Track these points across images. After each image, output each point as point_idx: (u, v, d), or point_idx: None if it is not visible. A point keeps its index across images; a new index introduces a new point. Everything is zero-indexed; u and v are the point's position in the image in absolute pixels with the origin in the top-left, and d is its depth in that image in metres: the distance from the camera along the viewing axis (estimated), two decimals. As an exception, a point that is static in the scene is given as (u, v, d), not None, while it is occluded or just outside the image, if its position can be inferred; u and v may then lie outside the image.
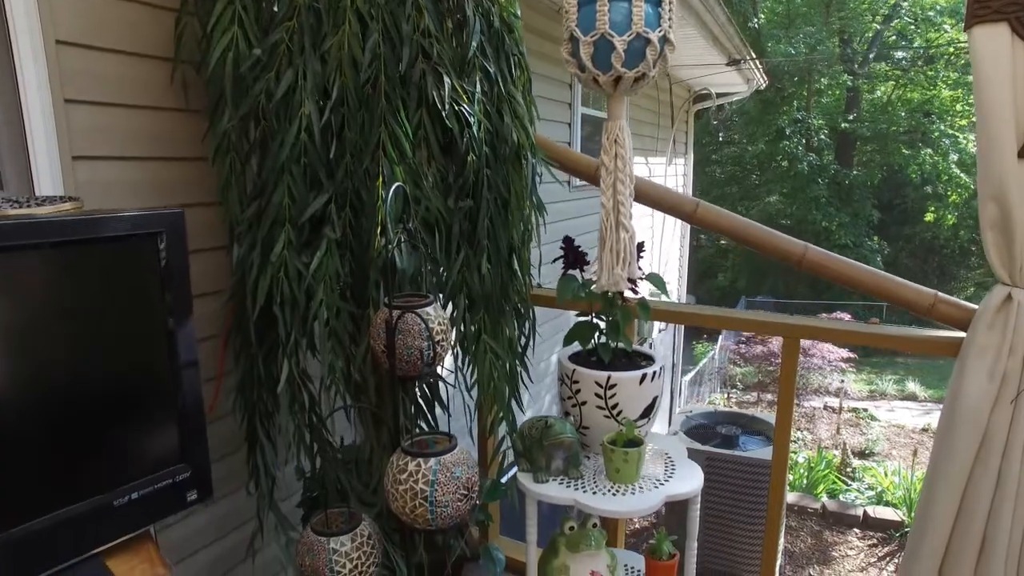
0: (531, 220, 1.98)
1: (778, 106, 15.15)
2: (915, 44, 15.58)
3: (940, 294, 1.84)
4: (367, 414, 1.99)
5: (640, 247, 1.59)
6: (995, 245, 1.67)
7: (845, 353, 8.81)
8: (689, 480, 1.48)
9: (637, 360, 1.64)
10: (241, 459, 1.90)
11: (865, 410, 9.83)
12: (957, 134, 14.36)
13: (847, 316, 8.91)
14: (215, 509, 2.21)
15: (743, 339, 9.58)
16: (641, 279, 1.57)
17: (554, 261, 1.67)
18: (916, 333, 1.91)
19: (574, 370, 1.55)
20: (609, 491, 1.46)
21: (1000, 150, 1.59)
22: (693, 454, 4.70)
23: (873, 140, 15.35)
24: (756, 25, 14.77)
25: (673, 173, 7.59)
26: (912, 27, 15.63)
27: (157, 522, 1.38)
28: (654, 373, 1.55)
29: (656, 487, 1.46)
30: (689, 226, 9.20)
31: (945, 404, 1.77)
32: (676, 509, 4.72)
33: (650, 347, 7.00)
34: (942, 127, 14.48)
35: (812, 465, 6.84)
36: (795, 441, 8.19)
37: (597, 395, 1.52)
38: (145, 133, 1.79)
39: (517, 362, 1.92)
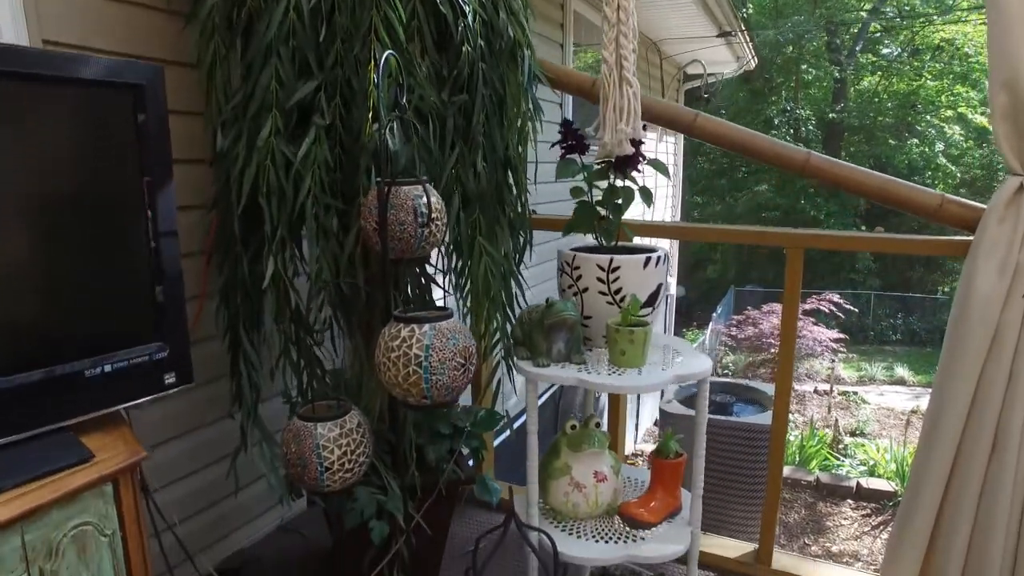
0: (527, 124, 1.92)
1: (766, 96, 15.21)
2: (900, 37, 15.70)
3: (947, 195, 1.80)
4: (356, 331, 1.92)
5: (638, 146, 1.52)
6: (1007, 136, 1.62)
7: (835, 334, 8.80)
8: (698, 363, 1.42)
9: (638, 251, 1.57)
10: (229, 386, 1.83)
11: (855, 393, 9.85)
12: (943, 124, 14.46)
13: (836, 296, 8.88)
14: (203, 434, 2.12)
15: (734, 322, 9.55)
16: (644, 163, 1.50)
17: (552, 146, 1.60)
18: (923, 237, 1.86)
19: (575, 256, 1.49)
20: (615, 373, 1.39)
21: (1013, 32, 1.54)
22: (686, 421, 4.66)
23: (860, 131, 15.44)
24: (745, 15, 14.81)
25: (664, 151, 7.56)
26: (898, 20, 15.76)
27: (135, 405, 1.30)
28: (658, 258, 1.49)
29: (664, 369, 1.39)
30: (679, 215, 9.18)
31: (954, 307, 1.72)
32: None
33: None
34: (928, 118, 14.58)
35: (804, 443, 6.82)
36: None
37: (599, 279, 1.46)
38: (121, 23, 1.71)
39: (514, 267, 1.85)
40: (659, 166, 1.56)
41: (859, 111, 15.25)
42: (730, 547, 2.25)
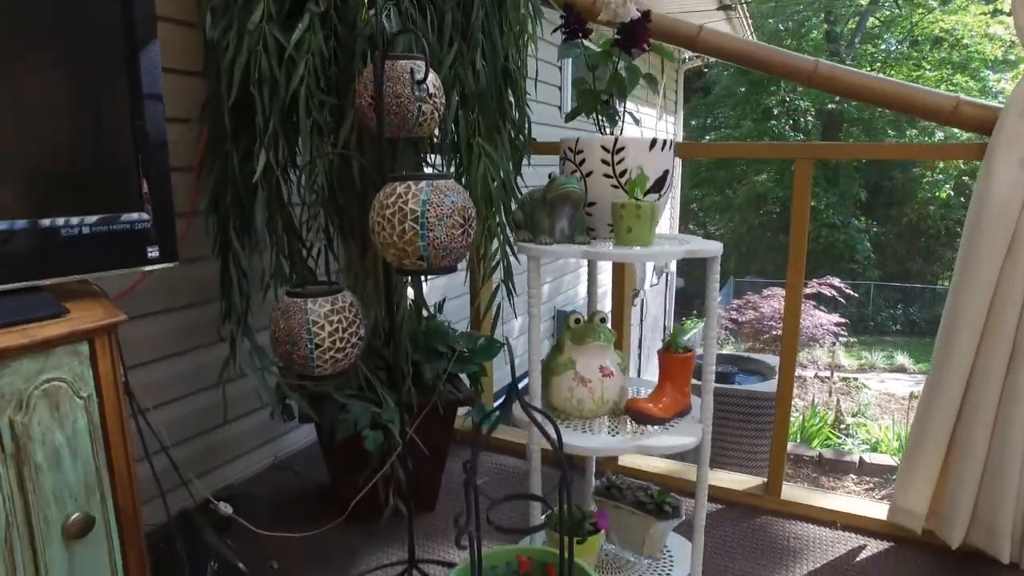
0: (526, 29, 1.86)
1: (765, 87, 15.14)
2: (899, 28, 15.68)
3: (962, 96, 1.73)
4: (350, 238, 1.86)
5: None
6: (1024, 27, 1.56)
7: (836, 318, 8.74)
8: (710, 246, 1.35)
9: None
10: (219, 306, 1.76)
11: (856, 379, 9.79)
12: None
13: (837, 280, 8.82)
14: (192, 358, 2.06)
15: (734, 307, 9.48)
16: (649, 48, 1.44)
17: (555, 30, 1.54)
18: (937, 143, 1.79)
19: (578, 139, 1.42)
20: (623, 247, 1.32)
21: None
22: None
23: (859, 122, 15.38)
24: (745, 3, 14.77)
25: (663, 129, 7.50)
26: (897, 11, 15.73)
27: (118, 274, 1.24)
28: (664, 142, 1.42)
29: (675, 246, 1.33)
30: (679, 208, 9.09)
31: (970, 214, 1.66)
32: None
33: (641, 303, 6.86)
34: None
35: (806, 422, 6.75)
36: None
37: (604, 161, 1.39)
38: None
39: (512, 180, 1.79)
40: (661, 50, 1.49)
41: (857, 101, 15.21)
42: (739, 481, 2.19)
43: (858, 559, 1.82)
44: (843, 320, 8.94)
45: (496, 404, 2.62)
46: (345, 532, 1.94)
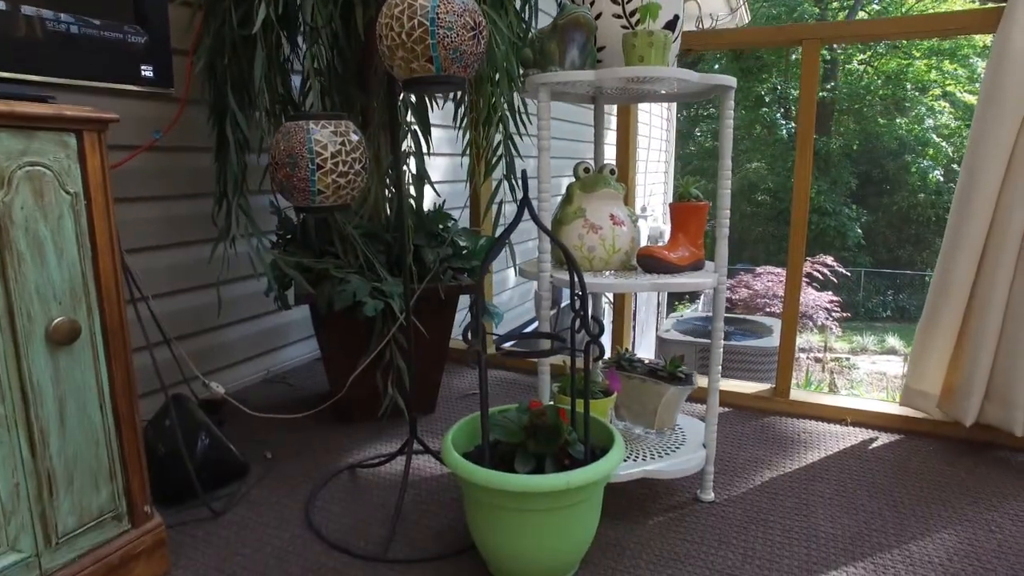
0: None
1: (756, 74, 15.19)
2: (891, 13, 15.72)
3: (979, -34, 1.69)
4: (355, 112, 1.79)
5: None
6: None
7: (829, 296, 8.76)
8: (721, 79, 1.30)
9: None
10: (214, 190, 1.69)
11: (848, 359, 9.81)
12: (933, 103, 14.51)
13: (830, 259, 8.84)
14: (185, 253, 1.99)
15: (728, 286, 9.48)
16: None
17: None
18: (950, 11, 1.75)
19: (589, -21, 1.37)
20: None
21: None
22: (687, 347, 4.55)
23: (850, 110, 15.45)
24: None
25: (658, 113, 7.47)
26: (885, 7, 15.84)
27: (109, 89, 1.17)
28: (679, -19, 1.37)
29: (690, 74, 1.28)
30: (671, 195, 9.04)
31: (987, 75, 1.61)
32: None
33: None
34: (918, 95, 14.63)
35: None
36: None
37: (614, 1, 1.34)
38: None
39: (521, 24, 1.72)
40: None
41: (849, 90, 15.27)
42: (747, 387, 2.15)
43: (870, 448, 1.78)
44: (836, 298, 8.96)
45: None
46: (342, 428, 1.88)
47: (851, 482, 1.59)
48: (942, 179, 14.01)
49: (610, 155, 2.53)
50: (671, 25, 1.39)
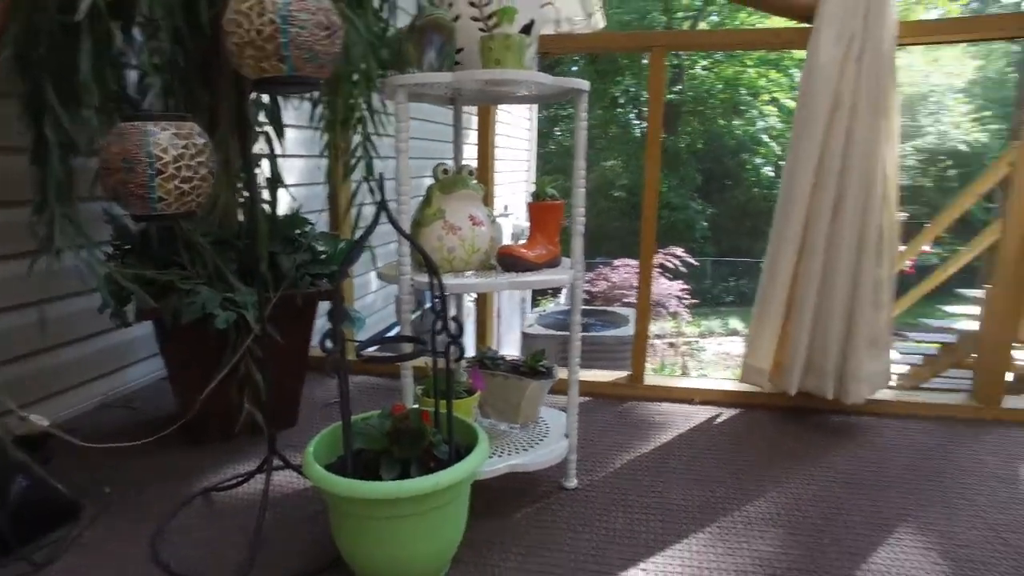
0: None
1: (611, 76, 15.97)
2: (726, 26, 17.12)
3: (788, -13, 1.89)
4: (201, 111, 1.68)
5: None
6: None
7: (680, 285, 9.39)
8: (576, 83, 1.37)
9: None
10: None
11: (697, 342, 10.59)
12: (763, 107, 15.98)
13: (680, 250, 9.48)
14: (7, 267, 1.76)
15: (588, 280, 9.89)
16: None
17: None
18: (771, 27, 1.94)
19: (441, -22, 1.38)
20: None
21: None
22: (551, 341, 4.69)
23: (696, 112, 16.67)
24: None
25: (520, 112, 7.64)
26: (725, 11, 17.21)
27: None
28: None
29: (541, 76, 1.32)
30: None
31: (802, 81, 1.81)
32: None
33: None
34: (751, 99, 16.07)
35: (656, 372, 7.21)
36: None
37: (472, 3, 1.36)
38: None
39: (379, 24, 1.70)
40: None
41: (694, 93, 16.45)
42: (605, 376, 2.26)
43: (715, 423, 1.94)
44: (686, 287, 9.62)
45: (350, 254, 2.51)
46: (194, 451, 1.76)
47: (700, 456, 1.72)
48: (773, 175, 15.48)
49: (471, 154, 2.55)
50: (527, 29, 1.43)
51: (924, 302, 5.90)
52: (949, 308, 6.53)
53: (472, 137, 2.31)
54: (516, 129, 7.65)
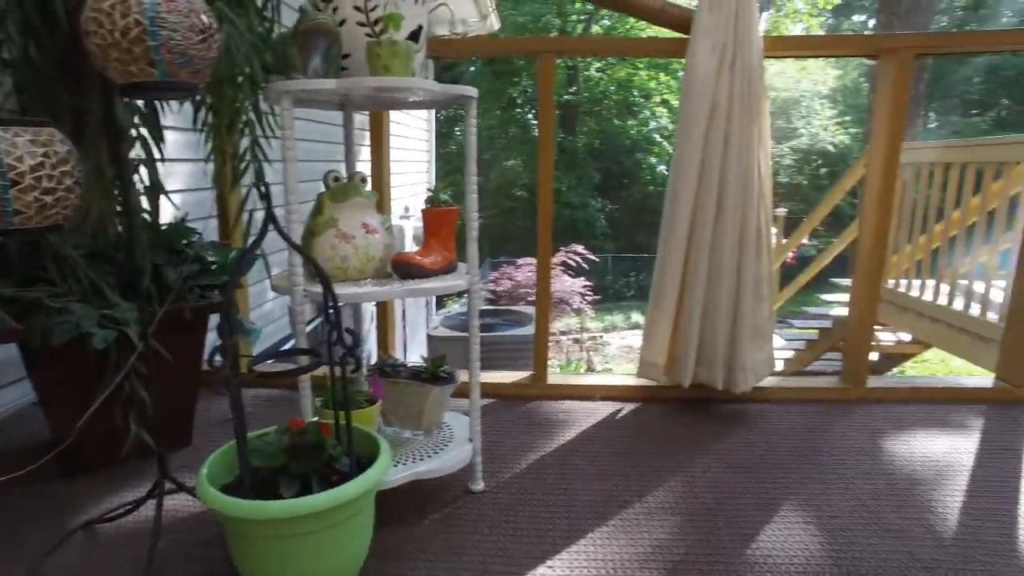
0: None
1: (509, 77, 16.16)
2: (618, 30, 17.73)
3: (667, 0, 1.99)
4: (64, 115, 1.56)
5: None
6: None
7: (583, 282, 9.62)
8: (461, 89, 1.38)
9: None
10: None
11: (601, 336, 10.91)
12: (655, 108, 16.67)
13: (581, 248, 9.73)
14: None
15: (492, 279, 9.97)
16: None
17: None
18: (651, 38, 2.03)
19: (328, -17, 1.35)
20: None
21: None
22: (456, 342, 4.69)
23: (591, 112, 17.15)
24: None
25: (418, 113, 7.56)
26: (614, 26, 17.83)
27: None
28: (416, -7, 1.41)
29: (431, 85, 1.32)
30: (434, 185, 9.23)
31: (682, 88, 1.91)
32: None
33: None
34: (644, 101, 16.72)
35: (563, 370, 7.36)
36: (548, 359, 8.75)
37: (357, 8, 1.34)
38: None
39: (264, 24, 1.64)
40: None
41: (589, 94, 16.92)
42: (506, 376, 2.28)
43: (617, 418, 2.01)
44: (588, 283, 9.88)
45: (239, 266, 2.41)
46: (74, 481, 1.63)
47: (601, 451, 1.78)
48: (667, 173, 16.17)
49: (367, 156, 2.51)
50: (415, 35, 1.43)
51: (806, 291, 6.36)
52: (825, 296, 7.08)
53: (366, 139, 2.27)
54: (414, 130, 7.59)
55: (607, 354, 9.68)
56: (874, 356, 6.70)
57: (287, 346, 3.81)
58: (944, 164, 3.82)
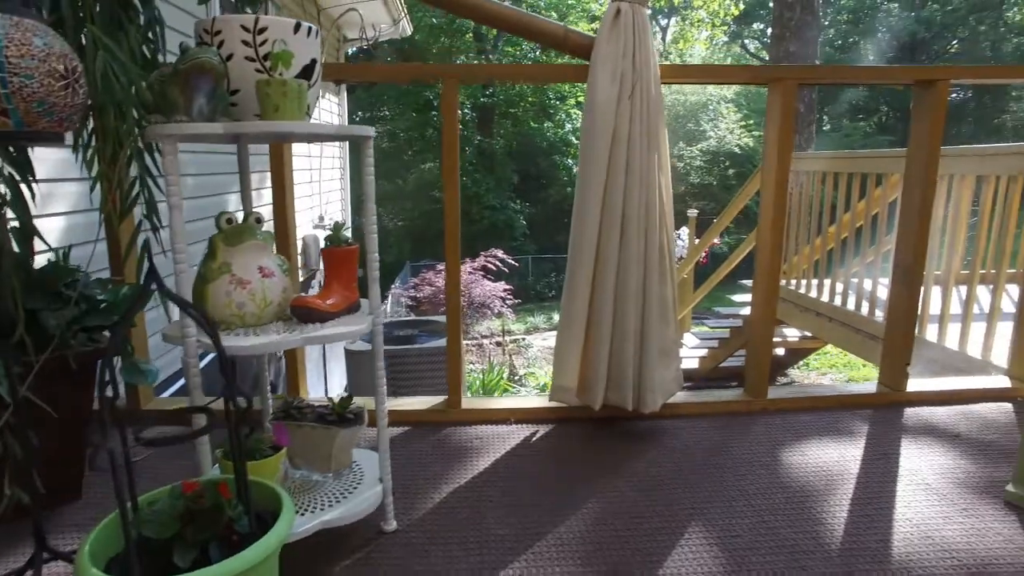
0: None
1: (424, 79, 16.08)
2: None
3: (570, 27, 2.02)
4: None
5: None
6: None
7: (503, 286, 9.67)
8: (359, 129, 1.35)
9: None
10: None
11: (524, 339, 11.01)
12: (570, 111, 16.96)
13: (500, 252, 9.77)
14: None
15: (412, 285, 9.88)
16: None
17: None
18: (554, 65, 2.06)
19: (214, 19, 1.29)
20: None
21: None
22: (373, 356, 4.60)
23: (508, 114, 17.26)
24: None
25: (327, 108, 7.39)
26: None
27: None
28: (309, 28, 1.37)
29: (326, 128, 1.29)
30: (350, 203, 9.01)
31: (583, 120, 1.94)
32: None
33: (319, 287, 6.73)
34: (559, 104, 16.97)
35: (486, 378, 7.37)
36: (469, 364, 8.75)
37: (245, 43, 1.28)
38: None
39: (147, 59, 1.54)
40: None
41: (506, 96, 17.02)
42: (420, 402, 2.26)
43: (531, 442, 2.03)
44: (509, 287, 9.94)
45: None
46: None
47: (515, 481, 1.79)
48: (582, 175, 16.50)
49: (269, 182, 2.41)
50: (308, 70, 1.38)
51: (720, 288, 6.62)
52: (735, 297, 7.40)
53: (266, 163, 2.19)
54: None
55: (529, 357, 9.77)
56: (781, 351, 7.09)
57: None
58: (833, 173, 4.09)
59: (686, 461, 1.89)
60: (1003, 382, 2.40)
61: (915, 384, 2.32)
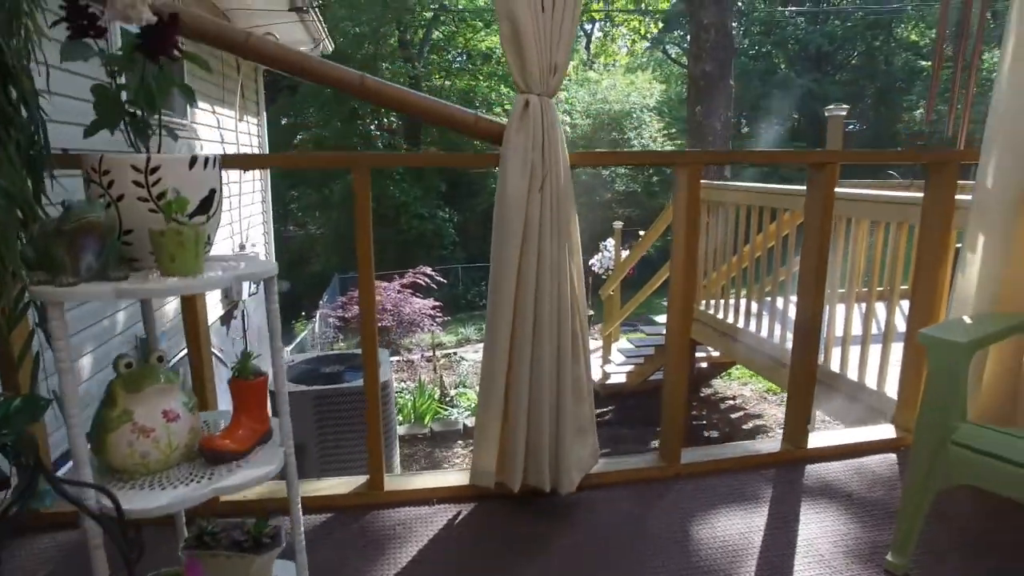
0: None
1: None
2: (458, 41, 17.87)
3: (480, 114, 2.05)
4: None
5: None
6: (512, 58, 1.91)
7: (432, 303, 9.64)
8: (264, 266, 1.33)
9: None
10: None
11: (455, 353, 10.99)
12: (499, 119, 17.02)
13: (428, 269, 9.75)
14: None
15: (340, 304, 9.72)
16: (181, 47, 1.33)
17: (52, 25, 1.31)
18: (467, 154, 2.09)
19: (101, 156, 1.24)
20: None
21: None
22: (300, 397, 4.52)
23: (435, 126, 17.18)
24: (317, 6, 14.99)
25: (245, 131, 7.16)
26: (454, 28, 17.94)
27: None
28: (207, 159, 1.34)
29: (223, 272, 1.27)
30: (272, 212, 8.76)
31: (495, 209, 1.98)
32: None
33: (243, 315, 6.52)
34: (484, 113, 17.01)
35: (417, 401, 7.34)
36: (400, 384, 8.67)
37: (137, 183, 1.25)
38: None
39: (34, 204, 1.47)
40: (196, 59, 1.41)
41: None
42: (342, 484, 2.24)
43: (454, 524, 2.05)
44: (438, 303, 9.91)
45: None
46: None
47: (441, 572, 1.81)
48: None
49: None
50: (207, 201, 1.35)
51: (654, 296, 6.81)
52: (658, 318, 7.64)
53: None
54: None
55: (460, 372, 9.75)
56: (704, 364, 7.38)
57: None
58: (747, 206, 4.38)
59: (604, 540, 1.96)
60: (888, 432, 2.58)
61: (815, 439, 2.47)
